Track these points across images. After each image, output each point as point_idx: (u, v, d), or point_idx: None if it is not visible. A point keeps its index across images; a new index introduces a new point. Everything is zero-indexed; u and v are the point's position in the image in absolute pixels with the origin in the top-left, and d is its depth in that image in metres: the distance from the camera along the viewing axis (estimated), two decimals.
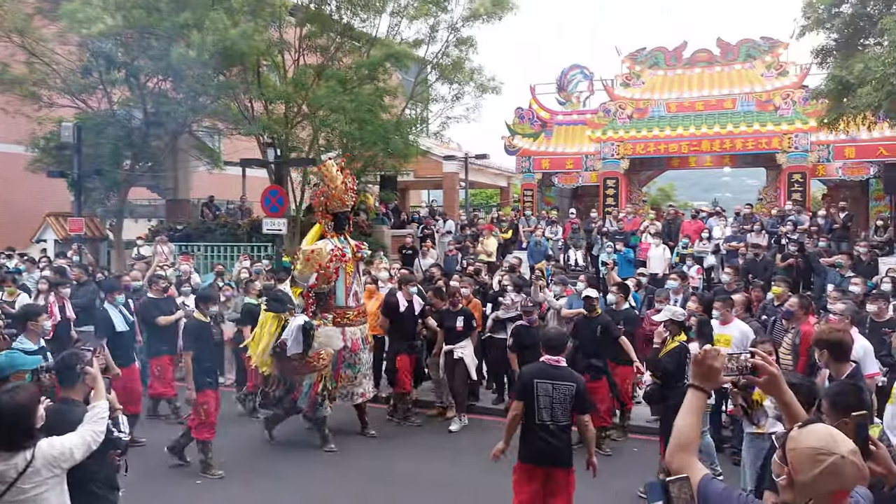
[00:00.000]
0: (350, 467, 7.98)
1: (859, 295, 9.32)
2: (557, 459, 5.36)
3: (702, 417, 2.63)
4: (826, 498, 2.18)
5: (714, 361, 2.59)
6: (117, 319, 8.41)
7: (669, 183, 47.25)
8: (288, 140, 16.67)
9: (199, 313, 7.97)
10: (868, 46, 13.83)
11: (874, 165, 19.77)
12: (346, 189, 8.81)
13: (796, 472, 2.23)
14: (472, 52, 17.73)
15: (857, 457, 2.20)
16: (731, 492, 2.41)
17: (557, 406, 5.32)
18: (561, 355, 5.51)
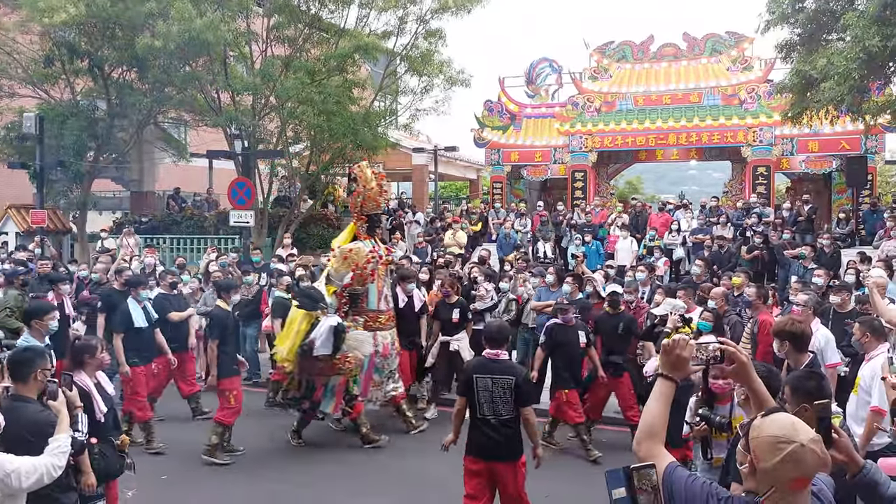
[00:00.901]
0: (366, 467, 7.89)
1: (822, 286, 9.51)
2: (500, 453, 5.31)
3: (670, 406, 2.65)
4: (787, 485, 2.22)
5: (682, 351, 2.61)
6: (137, 315, 8.18)
7: (637, 176, 47.73)
8: (255, 132, 16.49)
9: (221, 302, 8.19)
10: (831, 42, 14.05)
11: (836, 159, 20.14)
12: (380, 191, 8.76)
13: (758, 459, 2.26)
14: (442, 44, 17.68)
15: (818, 445, 2.23)
16: (696, 480, 2.43)
17: (498, 400, 5.27)
18: (502, 349, 5.42)
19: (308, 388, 8.20)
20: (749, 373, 2.64)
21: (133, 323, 8.11)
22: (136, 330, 8.12)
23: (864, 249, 14.04)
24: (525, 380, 5.40)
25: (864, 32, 11.53)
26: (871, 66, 12.01)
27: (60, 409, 3.97)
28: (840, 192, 20.37)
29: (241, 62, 17.94)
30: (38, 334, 6.05)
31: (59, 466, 3.74)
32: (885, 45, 11.36)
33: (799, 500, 2.27)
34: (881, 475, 2.97)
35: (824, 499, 2.43)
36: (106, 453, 4.89)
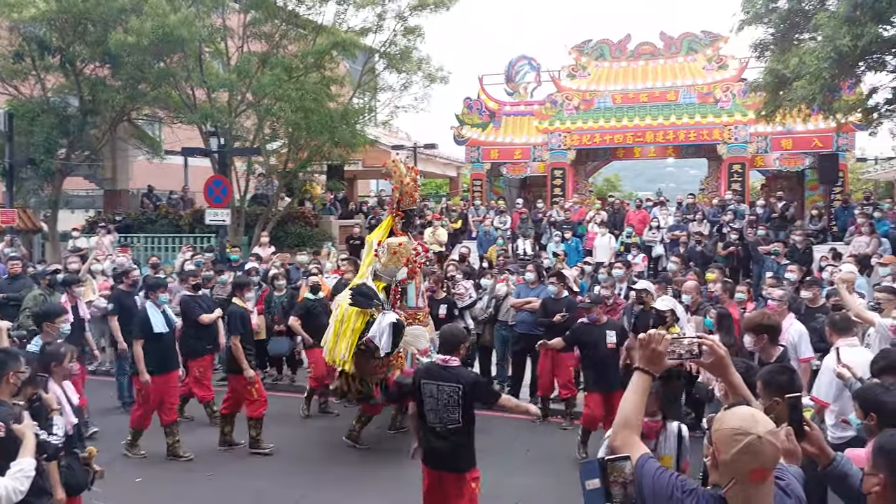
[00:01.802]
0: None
1: (795, 282, 9.62)
2: (445, 464, 5.06)
3: (646, 399, 2.69)
4: (746, 476, 2.24)
5: (658, 345, 2.64)
6: (157, 320, 7.80)
7: (615, 173, 48.03)
8: (231, 129, 16.33)
9: (238, 299, 8.24)
10: (803, 41, 14.24)
11: (809, 156, 20.43)
12: (415, 185, 8.53)
13: (719, 452, 2.30)
14: (420, 41, 17.60)
15: (775, 437, 2.26)
16: (664, 472, 2.46)
17: (443, 408, 4.99)
18: (456, 355, 5.10)
19: (366, 388, 7.94)
20: (727, 366, 2.67)
21: (153, 329, 7.73)
22: (155, 336, 7.74)
23: (835, 245, 14.25)
24: (475, 385, 5.11)
25: (834, 32, 11.70)
26: (842, 66, 12.19)
27: (25, 433, 3.87)
28: (813, 189, 20.66)
29: (216, 58, 17.75)
30: (49, 337, 5.92)
31: (20, 491, 3.66)
32: (856, 45, 11.53)
33: (760, 492, 2.29)
34: (851, 467, 3.01)
35: (792, 493, 2.45)
36: (72, 466, 4.74)
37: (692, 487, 2.39)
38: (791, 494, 2.44)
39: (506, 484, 6.99)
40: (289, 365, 11.18)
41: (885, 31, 12.15)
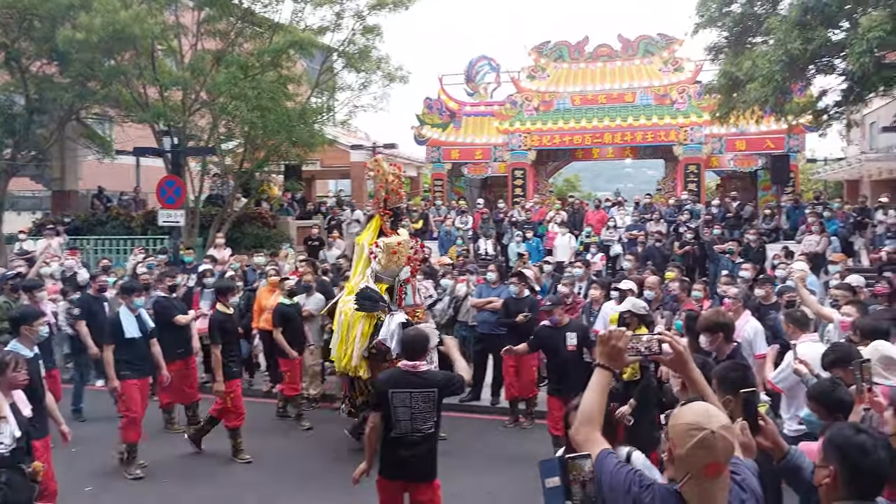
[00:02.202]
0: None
1: (749, 280, 9.79)
2: (419, 473, 4.90)
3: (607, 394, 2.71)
4: (701, 471, 2.26)
5: (618, 342, 2.65)
6: (129, 325, 7.48)
7: (575, 174, 48.50)
8: (185, 128, 16.01)
9: (221, 305, 8.00)
10: (756, 45, 14.49)
11: (762, 157, 20.86)
12: (400, 182, 8.38)
13: (675, 447, 2.32)
14: (379, 40, 17.51)
15: (729, 431, 2.29)
16: (623, 467, 2.47)
17: (419, 415, 4.82)
18: (420, 359, 4.94)
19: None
20: (686, 361, 2.69)
21: (124, 334, 7.43)
22: (128, 341, 7.45)
23: (787, 244, 14.56)
24: (448, 382, 4.98)
25: (786, 36, 11.94)
26: (793, 69, 12.45)
27: None
28: (765, 189, 21.09)
29: (169, 56, 17.38)
30: (27, 341, 5.66)
31: None
32: (806, 49, 11.78)
33: (715, 486, 2.30)
34: (805, 460, 3.06)
35: (747, 488, 2.47)
36: (12, 483, 4.40)
37: (649, 482, 2.40)
38: (746, 489, 2.46)
39: (468, 484, 6.95)
40: (246, 368, 10.96)
41: (834, 35, 12.44)
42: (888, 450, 2.54)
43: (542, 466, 2.32)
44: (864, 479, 2.49)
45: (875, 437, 2.56)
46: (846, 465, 2.50)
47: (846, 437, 2.55)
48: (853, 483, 2.49)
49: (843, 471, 2.51)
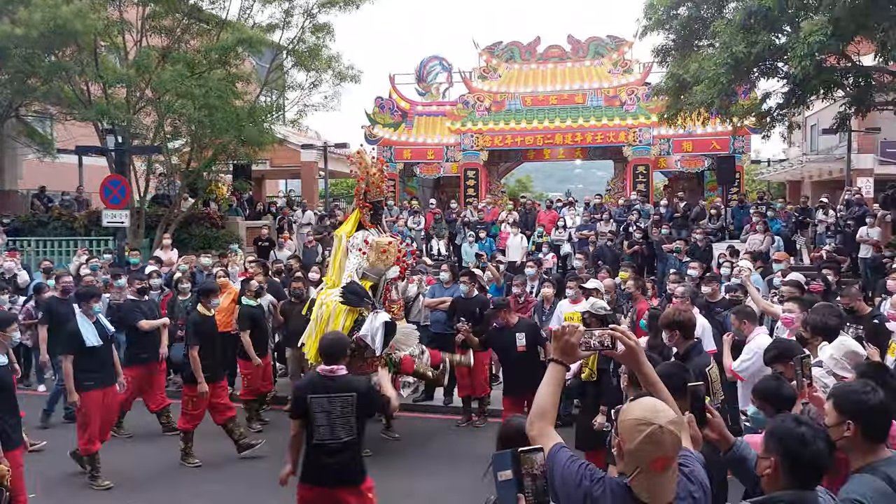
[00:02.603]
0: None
1: (696, 278, 9.99)
2: (342, 479, 4.76)
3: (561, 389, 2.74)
4: (649, 465, 2.29)
5: (571, 337, 2.68)
6: (88, 332, 7.04)
7: (527, 175, 48.90)
8: (130, 126, 15.58)
9: (201, 307, 7.82)
10: (702, 48, 14.82)
11: (708, 158, 21.34)
12: (382, 176, 8.25)
13: (624, 442, 2.35)
14: (330, 39, 17.35)
15: (676, 426, 2.32)
16: (575, 461, 2.49)
17: (337, 421, 4.71)
18: (339, 363, 4.84)
19: None
20: (638, 356, 2.71)
21: (84, 342, 6.97)
22: (88, 350, 7.00)
23: (733, 243, 14.91)
24: (368, 393, 4.87)
25: (731, 39, 12.23)
26: (738, 71, 12.76)
27: None
28: (711, 190, 21.56)
29: (113, 53, 16.93)
30: (1, 347, 5.43)
31: None
32: (750, 52, 12.09)
33: (663, 479, 2.34)
34: (750, 451, 3.13)
35: (695, 479, 2.50)
36: None
37: (600, 476, 2.43)
38: (694, 480, 2.49)
39: (421, 485, 6.94)
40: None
41: (777, 39, 12.79)
42: (826, 441, 2.62)
43: (495, 460, 2.33)
44: (804, 470, 2.56)
45: (814, 429, 2.63)
46: (786, 455, 2.57)
47: (787, 429, 2.62)
48: (793, 473, 2.56)
49: (784, 461, 2.58)
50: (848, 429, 2.85)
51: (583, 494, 2.40)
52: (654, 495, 2.34)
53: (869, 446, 2.85)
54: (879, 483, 2.71)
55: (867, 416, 2.84)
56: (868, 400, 2.85)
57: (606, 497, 2.38)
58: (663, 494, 2.35)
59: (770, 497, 2.61)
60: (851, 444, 2.87)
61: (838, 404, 2.91)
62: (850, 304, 7.06)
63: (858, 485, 2.74)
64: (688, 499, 2.43)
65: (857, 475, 2.81)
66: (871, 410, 2.84)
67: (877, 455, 2.84)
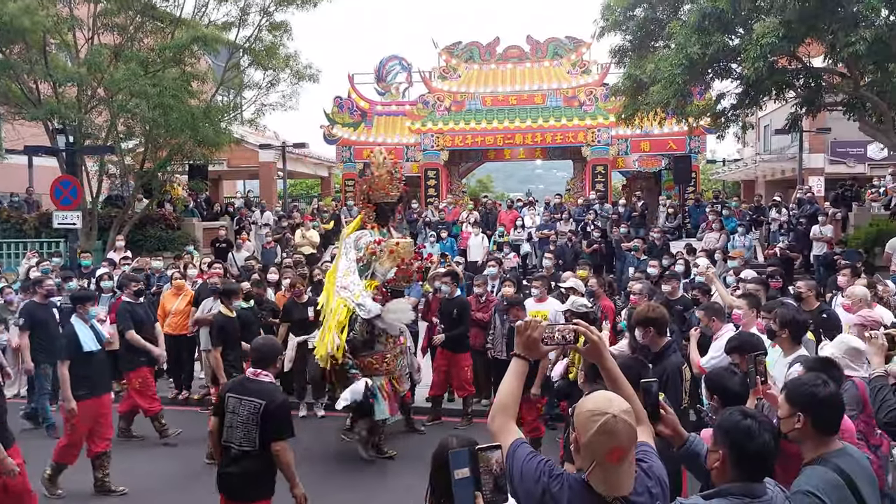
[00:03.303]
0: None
1: (655, 276, 10.12)
2: (232, 490, 4.60)
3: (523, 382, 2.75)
4: (604, 457, 2.30)
5: (534, 332, 2.68)
6: (86, 337, 6.82)
7: (488, 175, 49.09)
8: (81, 126, 15.18)
9: (224, 308, 8.08)
10: (658, 48, 15.00)
11: (665, 158, 21.66)
12: (391, 179, 7.97)
13: (580, 435, 2.36)
14: (287, 37, 17.16)
15: (629, 416, 2.34)
16: (534, 457, 2.50)
17: (239, 426, 4.56)
18: (267, 368, 4.74)
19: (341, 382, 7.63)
20: (601, 351, 2.71)
21: (82, 347, 6.74)
22: (85, 356, 6.75)
23: (690, 241, 15.16)
24: (278, 407, 4.59)
25: (686, 40, 12.39)
26: (693, 72, 12.93)
27: None
28: (668, 189, 21.89)
29: (63, 50, 16.45)
30: None
31: None
32: (705, 53, 12.27)
33: (619, 471, 2.35)
34: (703, 446, 3.16)
35: (653, 475, 2.52)
36: None
37: (559, 472, 2.45)
38: (652, 476, 2.51)
39: (392, 483, 6.93)
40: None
41: (730, 40, 13.00)
42: (773, 433, 2.66)
43: (452, 457, 2.31)
44: (751, 462, 2.60)
45: (761, 422, 2.67)
46: (734, 448, 2.61)
47: (734, 423, 2.66)
48: (741, 465, 2.60)
49: (731, 454, 2.61)
50: (799, 421, 2.89)
51: (541, 490, 2.41)
52: (610, 487, 2.35)
53: (820, 438, 2.90)
54: (831, 475, 2.75)
55: (818, 408, 2.88)
56: (818, 392, 2.89)
57: (564, 492, 2.40)
58: (620, 486, 2.37)
59: (719, 490, 2.64)
60: (803, 435, 2.91)
61: (789, 397, 2.96)
62: (804, 294, 7.28)
63: (810, 476, 2.78)
64: (645, 494, 2.44)
65: (808, 467, 2.86)
66: (822, 403, 2.88)
67: (828, 447, 2.88)
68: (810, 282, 7.97)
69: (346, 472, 7.44)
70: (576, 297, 7.39)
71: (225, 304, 8.12)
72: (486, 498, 2.30)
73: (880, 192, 17.45)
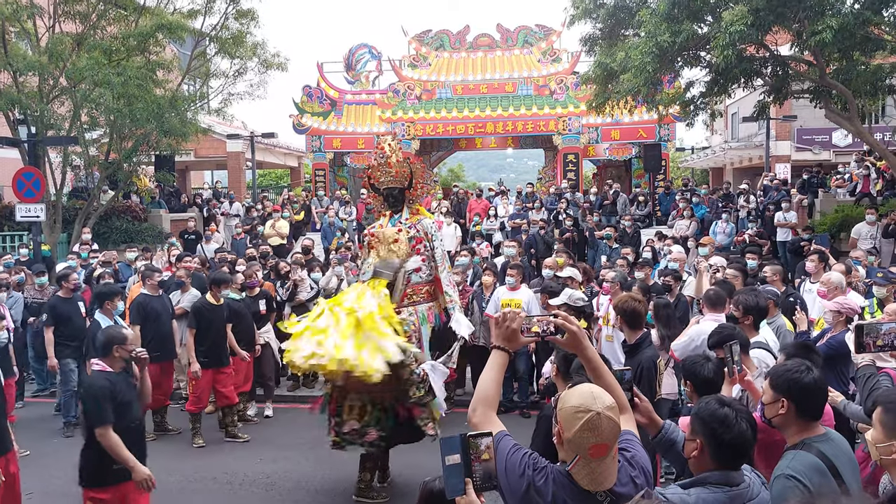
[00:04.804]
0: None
1: (630, 264, 10.18)
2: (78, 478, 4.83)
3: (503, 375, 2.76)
4: (588, 451, 2.33)
5: (512, 323, 2.69)
6: None
7: (459, 164, 49.03)
8: (43, 116, 14.78)
9: (210, 296, 8.28)
10: (628, 37, 15.06)
11: (635, 146, 21.81)
12: (388, 164, 7.16)
13: (563, 430, 2.38)
14: (255, 25, 16.87)
15: (613, 412, 2.36)
16: (519, 450, 2.52)
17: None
18: (105, 359, 4.87)
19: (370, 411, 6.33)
20: (581, 341, 2.71)
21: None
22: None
23: (660, 229, 15.30)
24: (85, 393, 4.77)
25: (656, 29, 12.45)
26: (663, 60, 13.01)
27: None
28: (639, 177, 22.07)
29: (23, 39, 16.00)
30: None
31: None
32: (674, 41, 12.34)
33: (602, 465, 2.38)
34: (679, 434, 3.21)
35: (636, 464, 2.53)
36: None
37: (543, 465, 2.46)
38: (636, 465, 2.53)
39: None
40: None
41: (700, 28, 13.11)
42: (750, 421, 2.70)
43: (443, 444, 2.34)
44: (728, 450, 2.63)
45: (738, 410, 2.70)
46: (711, 437, 2.64)
47: (711, 411, 2.69)
48: (718, 454, 2.64)
49: (709, 443, 2.65)
50: (783, 406, 2.92)
51: (526, 483, 2.43)
52: (594, 481, 2.38)
53: (803, 424, 2.93)
54: (813, 459, 2.79)
55: (801, 394, 2.91)
56: (802, 378, 2.92)
57: (549, 485, 2.41)
58: (604, 480, 2.39)
59: (697, 478, 2.67)
60: (786, 421, 2.95)
61: (773, 383, 2.98)
62: (769, 279, 7.36)
63: (792, 460, 2.81)
64: (629, 484, 2.45)
65: (791, 451, 2.89)
66: (805, 389, 2.92)
67: (811, 432, 2.92)
68: (776, 266, 8.11)
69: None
70: (572, 291, 7.20)
71: (213, 292, 8.26)
72: (476, 484, 2.31)
73: (845, 179, 17.78)
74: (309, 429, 8.49)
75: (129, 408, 4.78)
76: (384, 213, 7.30)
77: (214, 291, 8.31)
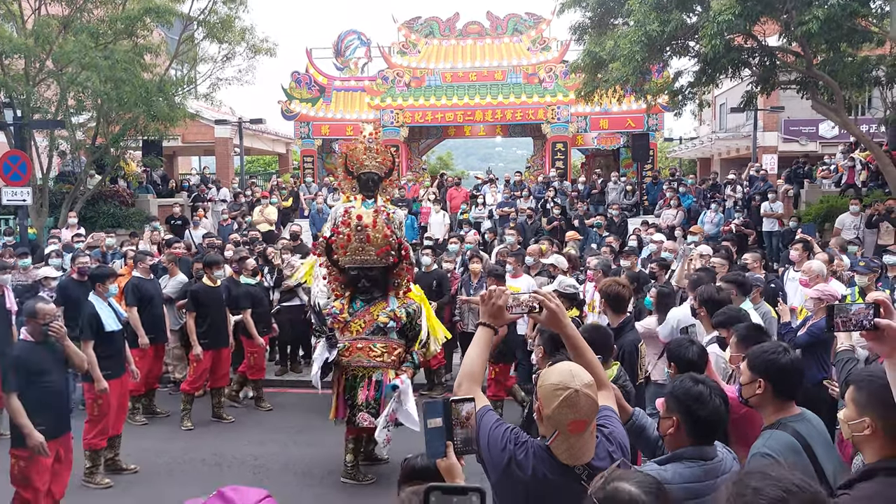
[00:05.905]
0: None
1: (615, 251, 10.30)
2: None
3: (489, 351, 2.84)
4: (566, 427, 2.41)
5: (498, 300, 2.74)
6: (107, 317, 6.68)
7: (448, 152, 48.95)
8: (30, 99, 14.69)
9: (206, 278, 8.40)
10: (617, 26, 15.09)
11: (624, 136, 21.88)
12: (364, 149, 7.23)
13: (543, 406, 2.46)
14: (243, 10, 16.80)
15: (591, 389, 2.43)
16: (501, 425, 2.58)
17: None
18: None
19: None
20: (560, 319, 2.76)
21: (104, 327, 6.63)
22: (107, 335, 6.65)
23: (647, 218, 15.40)
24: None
25: (645, 18, 12.48)
26: (652, 50, 13.06)
27: None
28: (627, 167, 22.15)
29: (9, 21, 15.84)
30: None
31: None
32: (663, 30, 12.39)
33: (581, 440, 2.46)
34: (647, 420, 3.33)
35: (614, 440, 2.61)
36: None
37: (524, 440, 2.53)
38: (613, 441, 2.60)
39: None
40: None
41: (688, 17, 13.16)
42: (723, 398, 2.81)
43: (426, 408, 2.39)
44: (703, 426, 2.75)
45: (711, 387, 2.80)
46: (687, 414, 2.75)
47: (685, 389, 2.80)
48: (694, 430, 2.75)
49: (685, 420, 2.75)
50: (759, 386, 3.00)
51: (507, 457, 2.50)
52: (572, 455, 2.46)
53: (780, 404, 3.01)
54: (788, 438, 2.87)
55: (777, 374, 2.99)
56: (779, 359, 3.01)
57: (529, 459, 2.49)
58: (582, 454, 2.47)
59: (673, 454, 2.76)
60: (763, 401, 3.02)
61: (751, 364, 3.06)
62: (750, 265, 7.49)
63: (768, 439, 2.90)
64: (607, 459, 2.51)
65: (767, 430, 2.97)
66: (782, 370, 3.00)
67: (787, 412, 3.00)
68: (755, 253, 8.23)
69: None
70: (563, 277, 7.30)
71: (207, 273, 8.40)
72: (457, 447, 2.36)
73: (831, 170, 17.93)
74: (296, 412, 8.58)
75: (42, 375, 5.15)
76: (355, 196, 7.39)
77: (208, 273, 8.41)
